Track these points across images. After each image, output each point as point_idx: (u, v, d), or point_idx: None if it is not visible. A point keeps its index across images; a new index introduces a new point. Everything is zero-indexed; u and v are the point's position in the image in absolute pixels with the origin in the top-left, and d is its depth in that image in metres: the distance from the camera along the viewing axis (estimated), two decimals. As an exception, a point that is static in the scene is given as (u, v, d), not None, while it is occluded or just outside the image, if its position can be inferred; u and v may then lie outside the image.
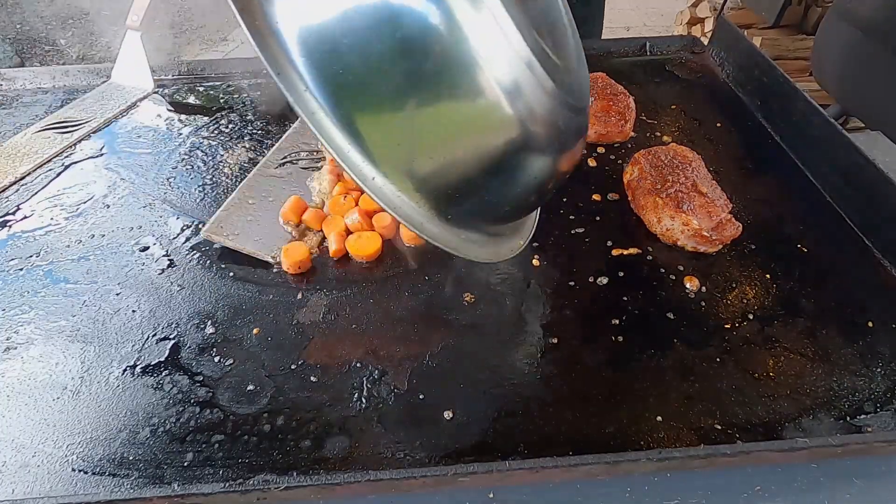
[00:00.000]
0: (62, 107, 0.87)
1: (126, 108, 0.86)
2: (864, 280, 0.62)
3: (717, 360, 0.54)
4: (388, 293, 0.61)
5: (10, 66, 2.57)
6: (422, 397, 0.51)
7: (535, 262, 0.64)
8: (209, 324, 0.57)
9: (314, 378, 0.53)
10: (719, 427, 0.49)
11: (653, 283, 0.62)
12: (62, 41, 3.24)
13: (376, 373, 0.53)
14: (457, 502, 0.47)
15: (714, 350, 0.55)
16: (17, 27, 3.06)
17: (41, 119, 0.84)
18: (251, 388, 0.52)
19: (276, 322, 0.58)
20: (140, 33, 0.88)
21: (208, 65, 0.96)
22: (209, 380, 0.53)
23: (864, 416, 0.50)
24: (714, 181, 0.68)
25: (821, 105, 0.76)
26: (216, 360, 0.54)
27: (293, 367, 0.54)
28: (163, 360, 0.54)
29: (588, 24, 1.14)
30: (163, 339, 0.56)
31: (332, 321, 0.58)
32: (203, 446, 0.48)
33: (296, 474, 0.45)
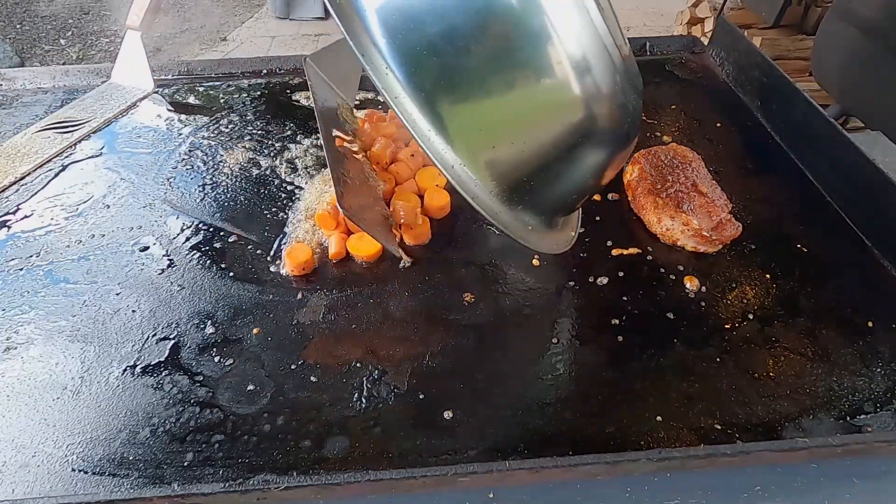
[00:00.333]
0: (62, 107, 0.87)
1: (126, 108, 0.86)
2: (864, 280, 0.62)
3: (717, 360, 0.54)
4: (388, 293, 0.61)
5: (10, 66, 2.57)
6: (422, 397, 0.51)
7: (535, 262, 0.64)
8: (209, 324, 0.57)
9: (314, 378, 0.53)
10: (719, 427, 0.49)
11: (653, 283, 0.62)
12: (62, 41, 3.24)
13: (376, 373, 0.53)
14: (457, 502, 0.47)
15: (714, 350, 0.55)
16: (17, 27, 3.07)
17: (41, 119, 0.84)
18: (251, 388, 0.52)
19: (276, 322, 0.58)
20: (140, 33, 0.88)
21: (208, 65, 0.96)
22: (209, 380, 0.53)
23: (864, 416, 0.50)
24: (714, 181, 0.68)
25: (821, 105, 0.76)
26: (216, 360, 0.54)
27: (293, 367, 0.54)
28: (163, 360, 0.54)
29: None
30: (163, 339, 0.56)
31: (332, 321, 0.58)
32: (203, 446, 0.48)
33: (296, 474, 0.45)
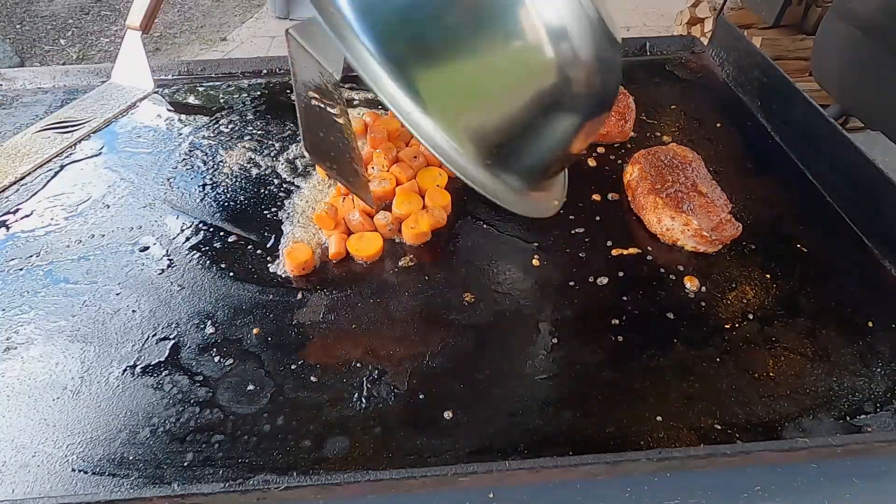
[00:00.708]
0: (62, 107, 0.86)
1: (126, 108, 0.86)
2: (864, 280, 0.62)
3: (717, 360, 0.54)
4: (388, 293, 0.61)
5: (10, 66, 2.57)
6: (422, 397, 0.51)
7: (535, 262, 0.64)
8: (209, 324, 0.57)
9: (314, 378, 0.53)
10: (719, 427, 0.49)
11: (653, 283, 0.62)
12: (62, 41, 3.24)
13: (376, 373, 0.53)
14: (457, 502, 0.47)
15: (714, 350, 0.55)
16: (17, 27, 3.06)
17: (41, 119, 0.84)
18: (251, 388, 0.52)
19: (276, 322, 0.58)
20: (140, 33, 0.88)
21: (208, 65, 0.96)
22: (209, 380, 0.53)
23: (864, 416, 0.50)
24: (714, 181, 0.68)
25: (821, 105, 0.76)
26: (216, 360, 0.54)
27: (293, 367, 0.54)
28: (163, 360, 0.54)
29: None
30: (163, 339, 0.56)
31: (332, 321, 0.58)
32: (203, 446, 0.48)
33: (296, 474, 0.45)
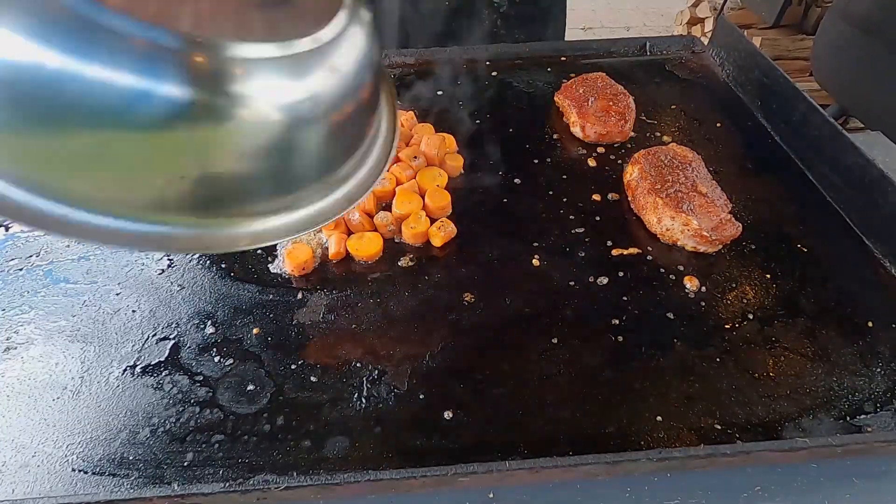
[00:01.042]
0: (62, 107, 0.86)
1: (126, 108, 0.86)
2: (864, 280, 0.62)
3: (717, 360, 0.54)
4: (388, 293, 0.61)
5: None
6: (422, 397, 0.51)
7: (535, 262, 0.64)
8: (209, 324, 0.57)
9: (314, 378, 0.53)
10: (719, 427, 0.49)
11: (653, 283, 0.62)
12: (62, 41, 3.23)
13: (376, 373, 0.53)
14: (457, 502, 0.47)
15: (714, 350, 0.55)
16: (17, 27, 3.06)
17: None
18: (251, 388, 0.52)
19: (276, 322, 0.58)
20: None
21: (208, 65, 0.96)
22: (209, 380, 0.53)
23: (864, 416, 0.50)
24: (714, 181, 0.68)
25: (821, 105, 0.76)
26: (216, 360, 0.54)
27: (293, 367, 0.54)
28: (163, 360, 0.54)
29: (541, 23, 1.08)
30: (163, 339, 0.56)
31: (332, 321, 0.58)
32: (203, 446, 0.48)
33: (296, 474, 0.45)
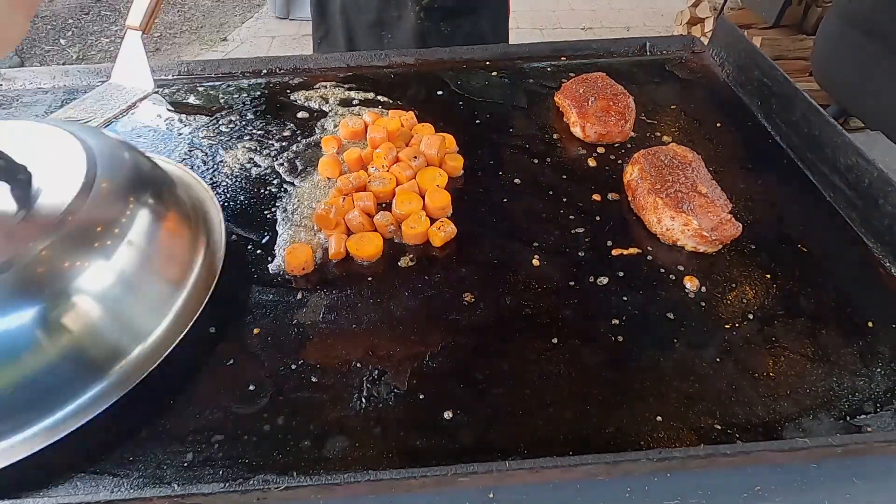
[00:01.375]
0: (62, 107, 0.86)
1: (126, 108, 0.86)
2: (864, 280, 0.62)
3: (717, 360, 0.54)
4: (388, 293, 0.61)
5: (10, 66, 2.56)
6: (422, 397, 0.51)
7: (535, 262, 0.64)
8: (209, 324, 0.57)
9: (314, 378, 0.53)
10: (719, 427, 0.49)
11: (653, 283, 0.62)
12: (62, 41, 3.24)
13: (376, 373, 0.53)
14: (457, 502, 0.47)
15: (714, 350, 0.55)
16: (17, 27, 3.06)
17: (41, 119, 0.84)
18: (251, 388, 0.52)
19: (276, 322, 0.58)
20: (140, 33, 0.88)
21: (208, 65, 0.96)
22: (209, 379, 0.53)
23: (864, 416, 0.50)
24: (714, 181, 0.68)
25: (821, 105, 0.76)
26: (216, 359, 0.54)
27: (293, 367, 0.54)
28: (163, 360, 0.54)
29: (470, 15, 1.06)
30: (163, 339, 0.56)
31: (332, 321, 0.58)
32: (203, 446, 0.48)
33: (296, 474, 0.45)
